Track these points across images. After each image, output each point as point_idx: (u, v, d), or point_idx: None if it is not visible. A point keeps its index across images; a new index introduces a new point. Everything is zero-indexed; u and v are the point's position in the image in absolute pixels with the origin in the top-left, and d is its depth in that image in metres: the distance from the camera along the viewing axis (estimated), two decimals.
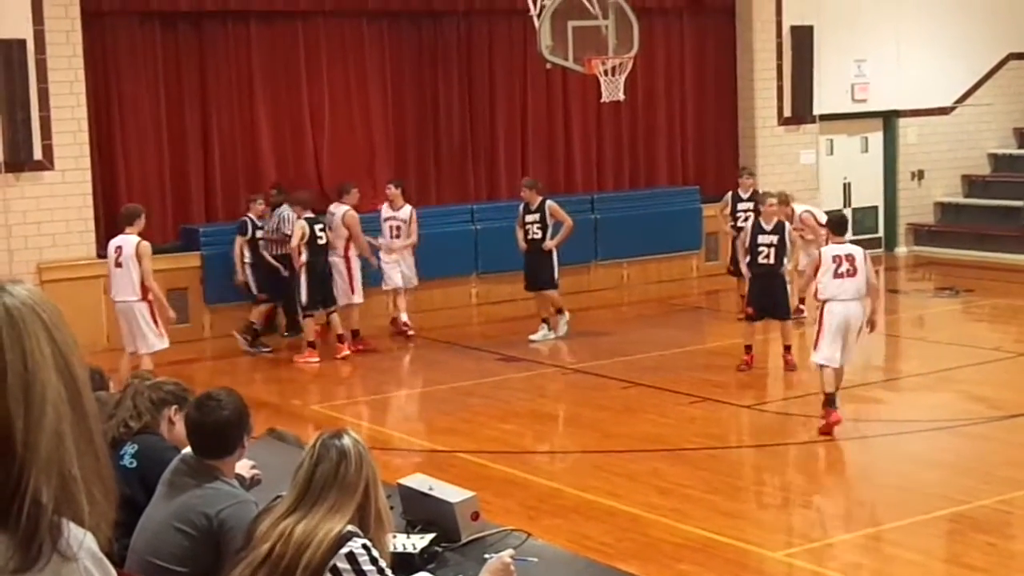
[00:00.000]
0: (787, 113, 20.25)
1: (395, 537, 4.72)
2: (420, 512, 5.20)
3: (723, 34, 20.18)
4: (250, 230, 15.37)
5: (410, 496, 5.29)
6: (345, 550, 3.98)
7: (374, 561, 4.00)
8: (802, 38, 20.07)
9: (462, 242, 17.58)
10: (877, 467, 10.37)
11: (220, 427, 4.90)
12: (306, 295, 14.58)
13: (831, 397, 10.92)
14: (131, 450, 5.77)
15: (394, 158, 17.85)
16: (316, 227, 14.63)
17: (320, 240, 14.65)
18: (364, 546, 4.00)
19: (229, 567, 4.28)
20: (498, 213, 17.47)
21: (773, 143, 20.20)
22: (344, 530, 4.02)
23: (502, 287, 17.46)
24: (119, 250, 12.57)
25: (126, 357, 12.64)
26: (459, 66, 18.24)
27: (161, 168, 16.34)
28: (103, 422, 5.42)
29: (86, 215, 15.42)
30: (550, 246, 15.29)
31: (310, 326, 14.72)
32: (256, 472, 5.56)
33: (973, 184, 22.07)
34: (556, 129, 19.04)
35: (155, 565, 4.75)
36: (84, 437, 1.87)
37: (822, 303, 11.18)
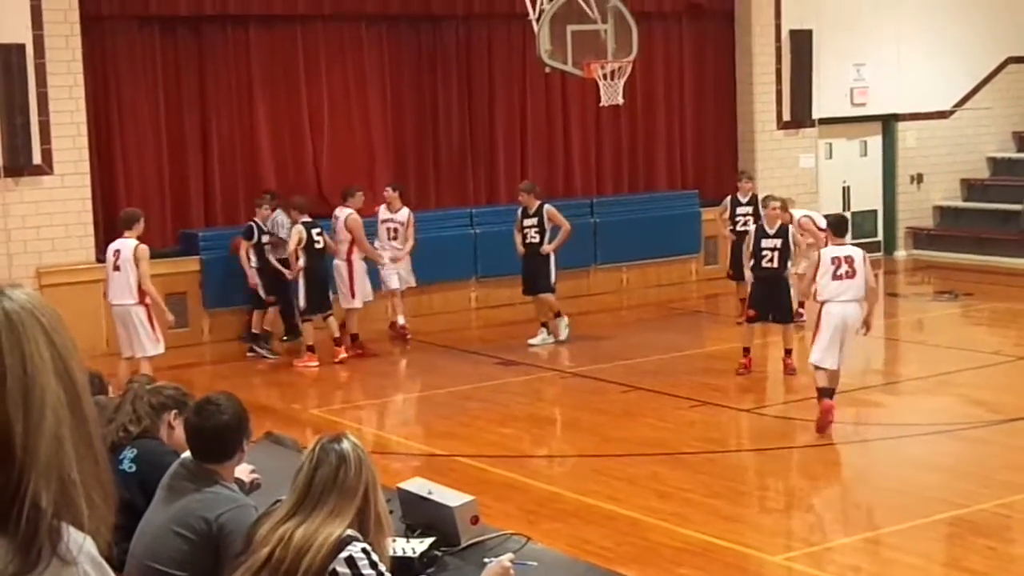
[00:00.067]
0: (786, 117, 20.24)
1: (395, 541, 4.71)
2: (419, 516, 5.20)
3: (722, 38, 20.17)
4: (255, 234, 15.36)
5: (409, 500, 5.29)
6: (345, 554, 3.97)
7: (374, 565, 3.99)
8: (801, 42, 20.07)
9: (461, 246, 17.56)
10: (876, 471, 10.37)
11: (220, 431, 4.90)
12: (304, 299, 14.58)
13: (826, 390, 10.92)
14: (130, 454, 5.78)
15: (393, 162, 17.84)
16: (313, 231, 14.62)
17: (317, 244, 14.63)
18: (364, 550, 4.00)
19: (228, 571, 4.28)
20: (497, 217, 17.43)
21: (772, 147, 20.19)
22: (344, 534, 4.01)
23: (501, 291, 17.44)
24: (117, 253, 12.55)
25: (125, 361, 12.62)
26: (458, 70, 18.23)
27: (160, 172, 16.33)
28: (102, 426, 5.43)
29: (85, 219, 15.40)
30: (548, 250, 15.27)
31: (309, 330, 14.71)
32: (255, 476, 5.56)
33: (972, 188, 22.06)
34: (555, 133, 19.03)
35: (154, 569, 4.74)
36: (83, 441, 1.87)
37: (821, 304, 11.18)
